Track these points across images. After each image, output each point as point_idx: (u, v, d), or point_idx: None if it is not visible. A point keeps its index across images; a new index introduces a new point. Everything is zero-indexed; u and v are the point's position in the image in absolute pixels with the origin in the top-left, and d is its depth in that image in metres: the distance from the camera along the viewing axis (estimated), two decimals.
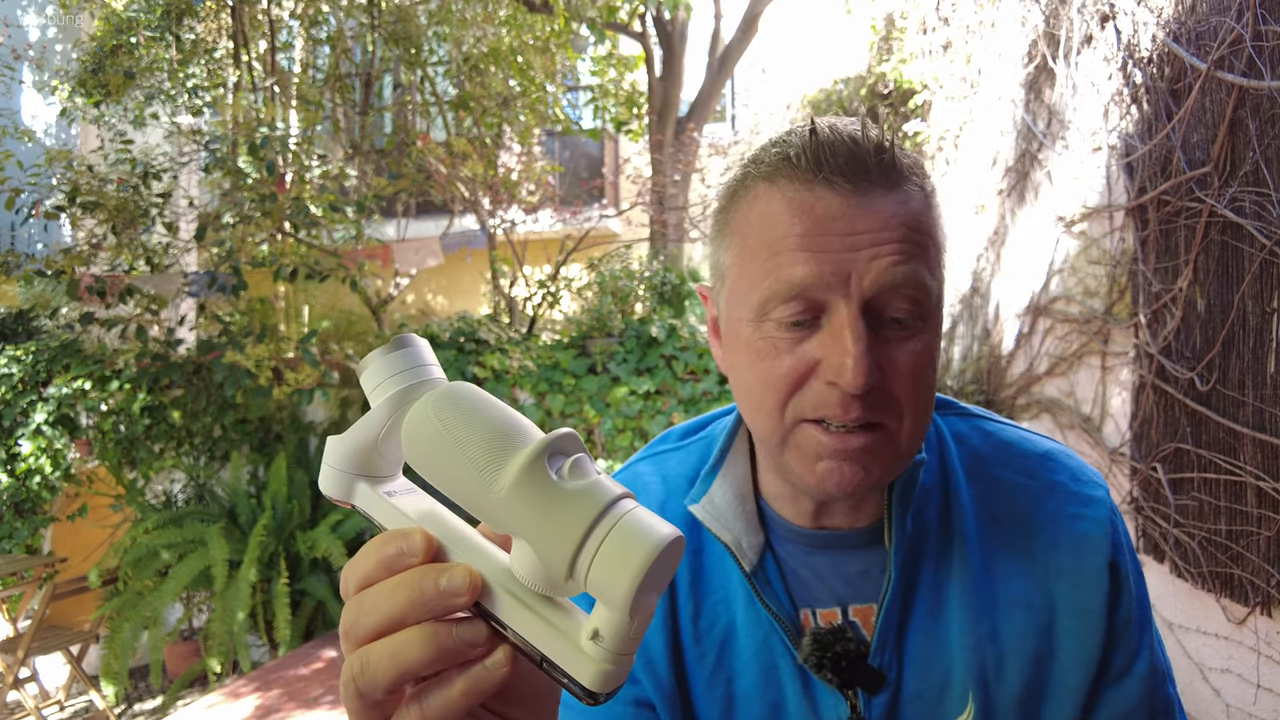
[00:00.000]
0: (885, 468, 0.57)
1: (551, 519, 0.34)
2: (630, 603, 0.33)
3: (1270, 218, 1.90)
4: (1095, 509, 0.65)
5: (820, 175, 0.55)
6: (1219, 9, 2.09)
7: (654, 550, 0.33)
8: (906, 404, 0.56)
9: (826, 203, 0.55)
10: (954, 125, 4.20)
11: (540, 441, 0.35)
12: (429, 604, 0.35)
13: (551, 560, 0.34)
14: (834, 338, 0.55)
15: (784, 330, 0.57)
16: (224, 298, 4.78)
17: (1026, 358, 3.41)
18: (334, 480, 0.40)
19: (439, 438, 0.36)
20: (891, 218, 0.55)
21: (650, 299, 5.87)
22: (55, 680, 4.63)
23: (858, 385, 0.53)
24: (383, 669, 0.35)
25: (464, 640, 0.35)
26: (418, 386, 0.39)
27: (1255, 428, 1.97)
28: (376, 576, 0.36)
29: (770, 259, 0.56)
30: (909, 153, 0.59)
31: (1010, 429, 0.72)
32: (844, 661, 0.62)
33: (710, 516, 0.66)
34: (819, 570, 0.66)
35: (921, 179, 0.58)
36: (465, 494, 0.36)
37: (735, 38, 7.35)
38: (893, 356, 0.56)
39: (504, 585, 0.36)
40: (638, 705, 0.68)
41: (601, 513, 0.34)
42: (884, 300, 0.55)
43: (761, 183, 0.58)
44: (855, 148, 0.55)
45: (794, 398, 0.57)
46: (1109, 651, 0.64)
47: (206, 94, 6.27)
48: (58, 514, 4.99)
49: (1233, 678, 2.09)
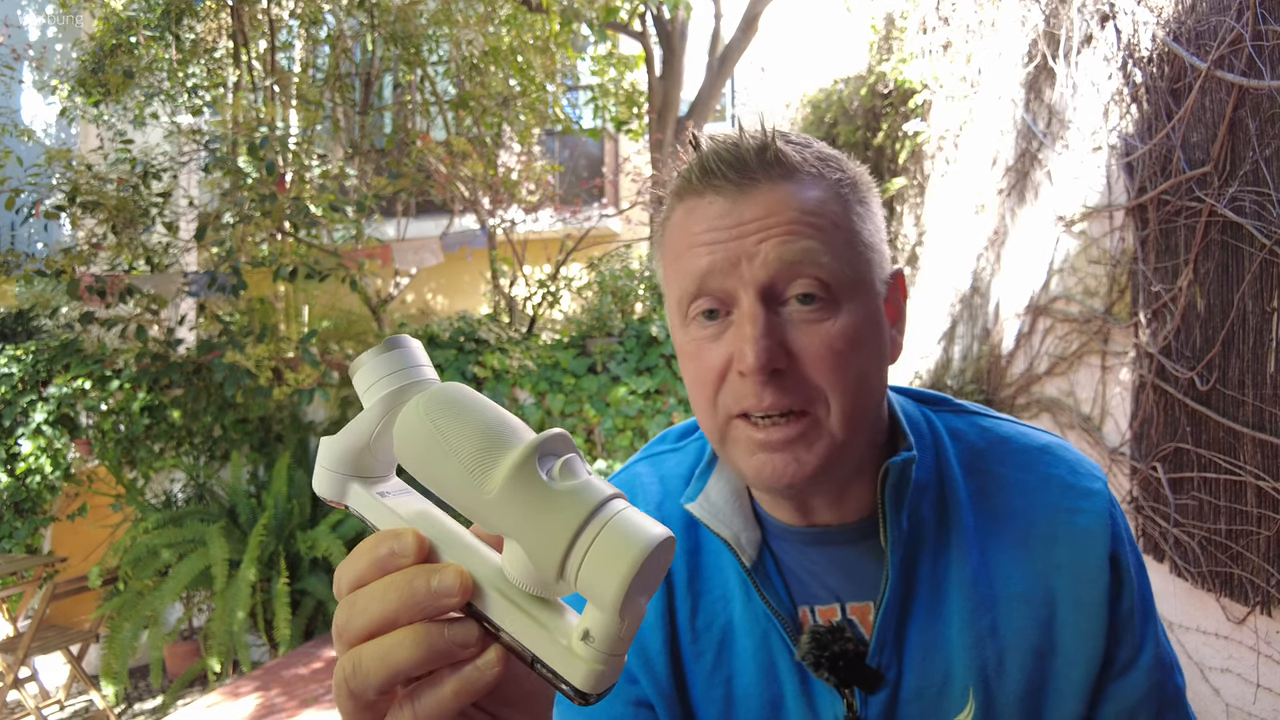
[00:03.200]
0: (820, 456, 0.57)
1: (542, 520, 0.34)
2: (620, 604, 0.33)
3: (1270, 217, 1.90)
4: (1094, 501, 0.65)
5: (708, 182, 0.59)
6: (1219, 8, 2.09)
7: (644, 551, 0.33)
8: (829, 387, 0.57)
9: (715, 204, 0.59)
10: (954, 125, 4.20)
11: (531, 442, 0.35)
12: (420, 604, 0.35)
13: (542, 561, 0.34)
14: (738, 326, 0.57)
15: (703, 328, 0.60)
16: (224, 297, 4.77)
17: (1026, 357, 3.41)
18: (327, 481, 0.40)
19: (430, 439, 0.36)
20: (779, 204, 0.57)
21: (650, 298, 5.87)
22: (55, 680, 4.63)
23: (755, 367, 0.55)
24: (374, 669, 0.35)
25: (455, 641, 0.35)
26: (410, 387, 0.39)
27: (1255, 427, 1.98)
28: (369, 577, 0.36)
29: (676, 262, 0.61)
30: (813, 148, 0.61)
31: (1007, 424, 0.71)
32: (842, 661, 0.62)
33: (707, 514, 0.66)
34: (815, 567, 0.66)
35: (828, 171, 0.60)
36: (456, 495, 0.36)
37: (735, 37, 7.35)
38: (802, 339, 0.57)
39: (495, 586, 0.36)
40: (636, 705, 0.68)
41: (591, 513, 0.34)
42: (782, 282, 0.57)
43: (673, 201, 0.63)
44: (736, 150, 0.59)
45: (720, 394, 0.59)
46: (1112, 645, 0.63)
47: (206, 94, 6.27)
48: (58, 513, 4.99)
49: (1232, 677, 2.09)
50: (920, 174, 4.71)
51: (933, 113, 4.44)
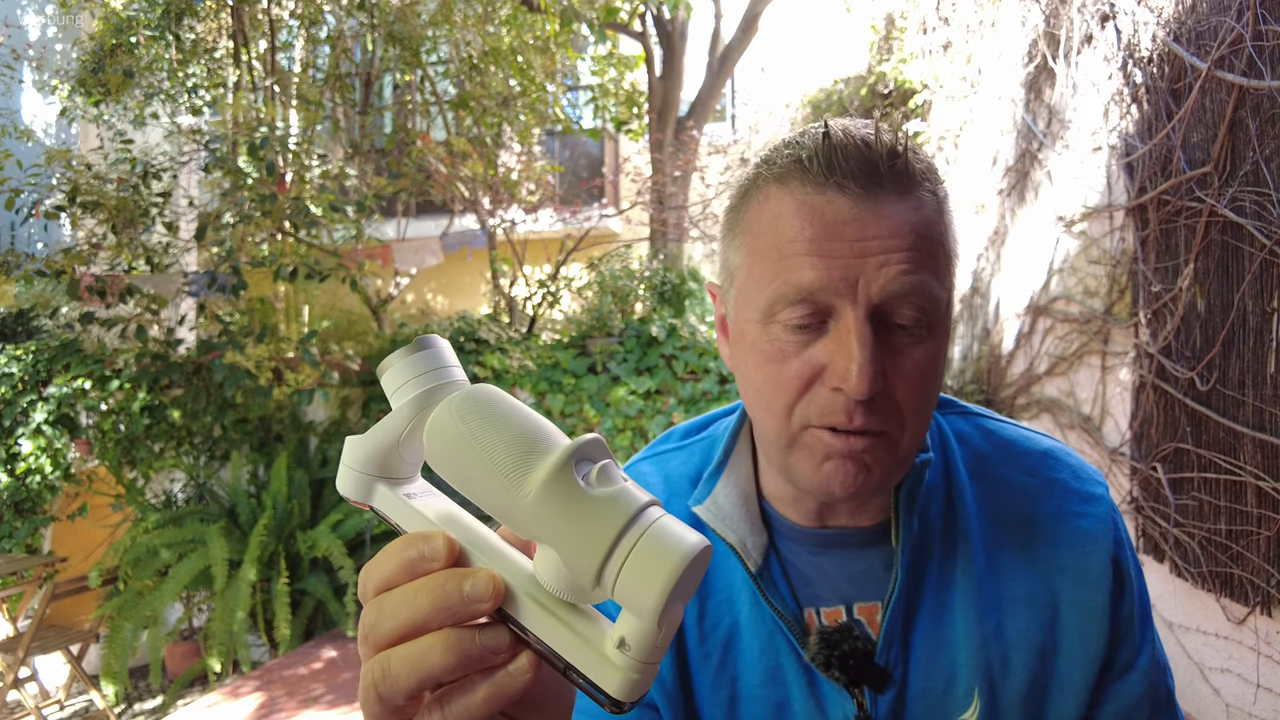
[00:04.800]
0: (886, 470, 0.58)
1: (579, 526, 0.34)
2: (660, 612, 0.33)
3: (1270, 217, 1.90)
4: (1097, 506, 0.66)
5: (832, 179, 0.55)
6: (1219, 9, 2.09)
7: (684, 560, 0.33)
8: (909, 411, 0.57)
9: (837, 207, 0.55)
10: (954, 125, 4.20)
11: (568, 447, 0.35)
12: (453, 610, 0.34)
13: (579, 568, 0.34)
14: (840, 343, 0.55)
15: (791, 333, 0.57)
16: (224, 297, 4.77)
17: (1026, 357, 3.41)
18: (353, 481, 0.39)
19: (463, 441, 0.36)
20: (903, 224, 0.54)
21: (650, 299, 5.86)
22: (55, 680, 4.63)
23: (863, 391, 0.53)
24: (404, 674, 0.35)
25: (488, 647, 0.35)
26: (441, 388, 0.38)
27: (1255, 427, 1.97)
28: (397, 580, 0.36)
29: (779, 261, 0.56)
30: (923, 157, 0.58)
31: (1011, 427, 0.72)
32: (851, 660, 0.62)
33: (714, 518, 0.66)
34: (823, 569, 0.66)
35: (935, 184, 0.58)
36: (489, 499, 0.35)
37: (735, 37, 7.35)
38: (898, 364, 0.56)
39: (527, 591, 0.36)
40: (642, 706, 0.68)
41: (630, 521, 0.34)
42: (891, 307, 0.55)
43: (774, 184, 0.58)
44: (868, 152, 0.55)
45: (800, 402, 0.57)
46: (1113, 647, 0.64)
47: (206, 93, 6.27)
48: (58, 513, 4.99)
49: (1232, 677, 2.09)
50: None
51: (933, 113, 4.43)
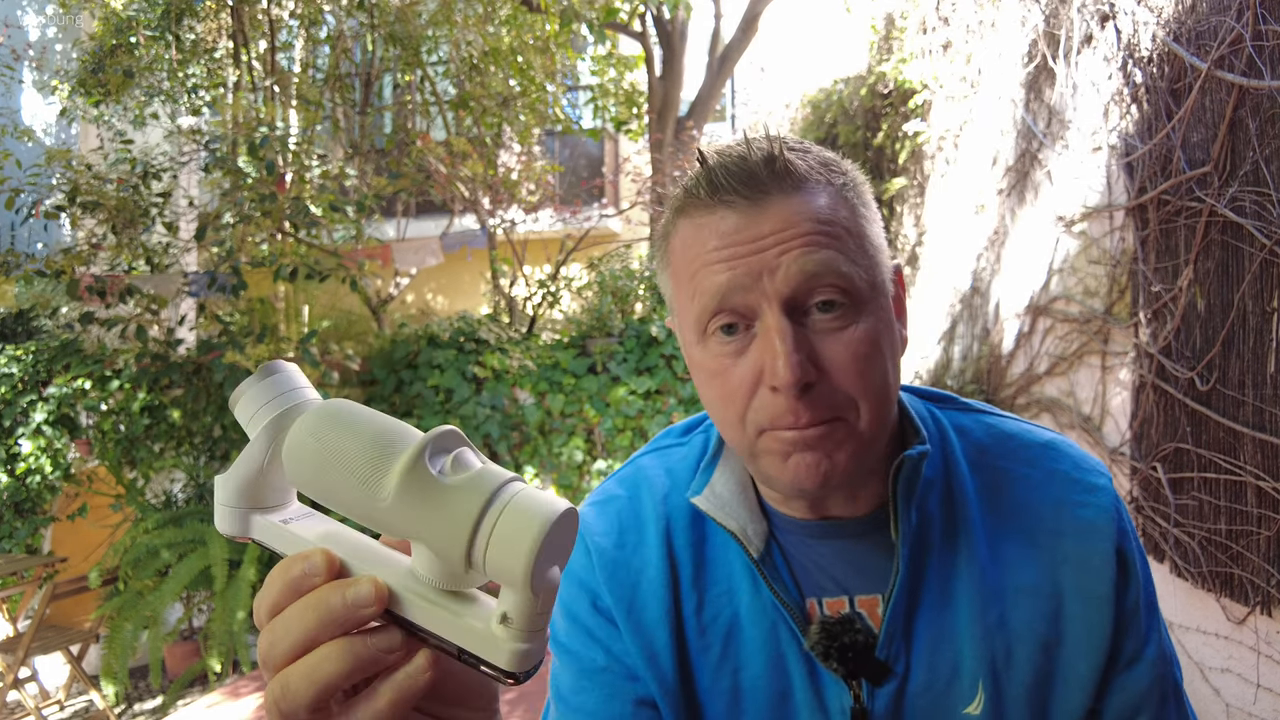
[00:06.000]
0: (850, 453, 0.58)
1: (440, 516, 0.34)
2: (530, 580, 0.34)
3: (1270, 217, 1.90)
4: (1100, 496, 0.66)
5: (718, 197, 0.59)
6: (1219, 8, 2.09)
7: (545, 524, 0.34)
8: (858, 393, 0.57)
9: (728, 219, 0.58)
10: (954, 125, 4.20)
11: (418, 443, 0.35)
12: (338, 619, 0.35)
13: (448, 555, 0.35)
14: (764, 341, 0.57)
15: (724, 344, 0.59)
16: (224, 297, 4.78)
17: (1026, 357, 3.41)
18: (229, 518, 0.39)
19: (319, 456, 0.36)
20: (794, 215, 0.57)
21: (650, 298, 5.87)
22: (55, 680, 4.63)
23: (790, 381, 0.55)
24: (303, 688, 0.35)
25: (380, 648, 0.36)
26: (292, 410, 0.39)
27: (1255, 427, 1.98)
28: (285, 601, 0.36)
29: (691, 280, 0.60)
30: (813, 153, 0.61)
31: (1012, 421, 0.72)
32: (851, 652, 0.62)
33: (713, 506, 0.66)
34: (823, 559, 0.67)
35: (830, 176, 0.60)
36: (354, 507, 0.36)
37: (735, 37, 7.35)
38: (828, 348, 0.57)
39: (410, 589, 0.36)
40: (639, 704, 0.68)
41: (489, 500, 0.34)
42: (804, 293, 0.57)
43: (678, 217, 0.62)
44: (744, 163, 0.58)
45: (750, 409, 0.59)
46: (1119, 638, 0.64)
47: (206, 94, 6.28)
48: (58, 514, 4.99)
49: (1232, 677, 2.09)
50: (920, 174, 4.71)
51: (933, 113, 4.44)
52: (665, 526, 0.70)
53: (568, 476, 4.80)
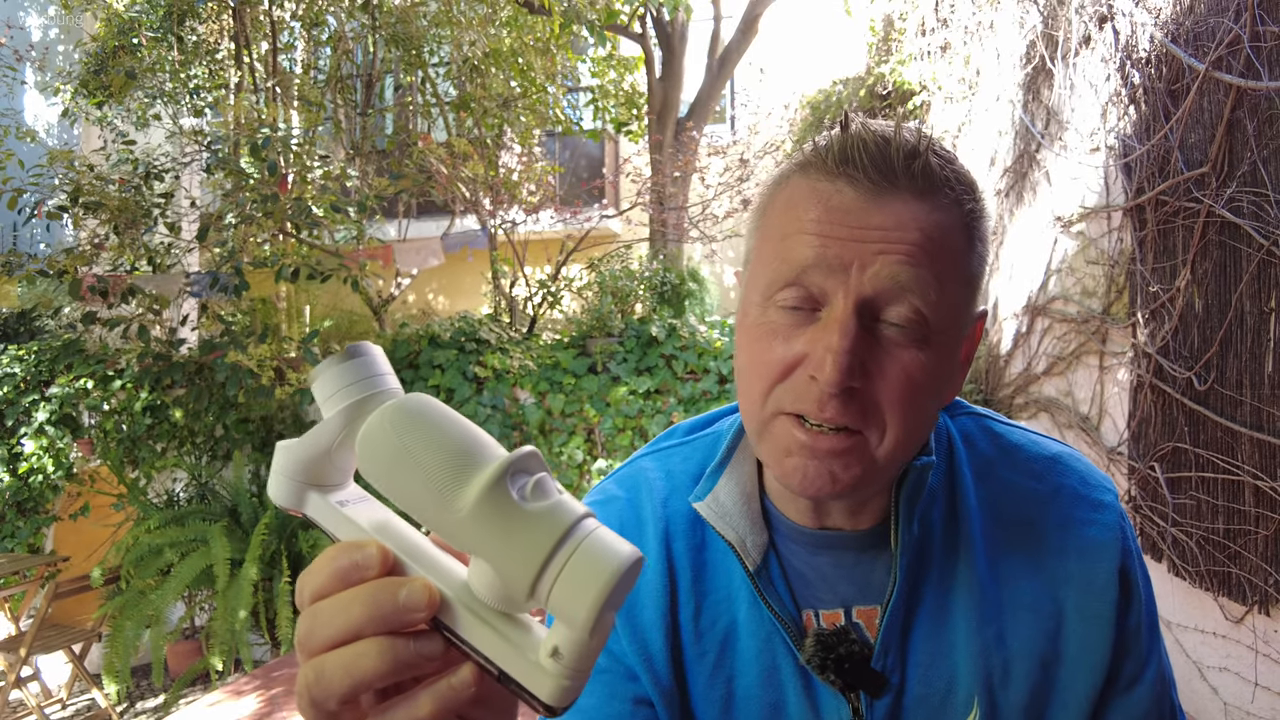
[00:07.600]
0: (856, 477, 0.55)
1: (514, 541, 0.34)
2: (592, 624, 0.33)
3: (1268, 218, 1.91)
4: (1105, 514, 0.64)
5: (844, 169, 0.55)
6: (1217, 10, 2.10)
7: (616, 573, 0.33)
8: (890, 415, 0.54)
9: (844, 195, 0.55)
10: (952, 126, 4.21)
11: (502, 461, 0.35)
12: (387, 618, 0.35)
13: (513, 581, 0.34)
14: (824, 330, 0.54)
15: (783, 315, 0.56)
16: (226, 298, 4.78)
17: (1025, 357, 3.42)
18: (284, 488, 0.38)
19: (397, 455, 0.35)
20: (910, 221, 0.54)
21: (650, 299, 5.87)
22: (57, 679, 4.64)
23: (834, 381, 0.52)
24: (338, 679, 0.35)
25: (421, 654, 0.35)
26: (373, 398, 0.38)
27: (1253, 427, 1.98)
28: (331, 589, 0.36)
29: (781, 241, 0.57)
30: (955, 165, 0.57)
31: (1018, 431, 0.71)
32: (847, 664, 0.61)
33: (714, 514, 0.65)
34: (822, 571, 0.66)
35: (962, 195, 0.56)
36: (422, 510, 0.35)
37: (735, 39, 7.35)
38: (882, 362, 0.54)
39: (461, 600, 0.36)
40: (636, 703, 0.68)
41: (564, 535, 0.34)
42: (883, 301, 0.54)
43: (795, 173, 0.59)
44: (885, 147, 0.55)
45: (777, 387, 0.56)
46: (1119, 658, 0.63)
47: (208, 95, 6.29)
48: (60, 513, 5.01)
49: (1230, 676, 2.10)
50: None
51: (931, 114, 4.44)
52: (664, 530, 0.69)
53: (568, 476, 4.81)
